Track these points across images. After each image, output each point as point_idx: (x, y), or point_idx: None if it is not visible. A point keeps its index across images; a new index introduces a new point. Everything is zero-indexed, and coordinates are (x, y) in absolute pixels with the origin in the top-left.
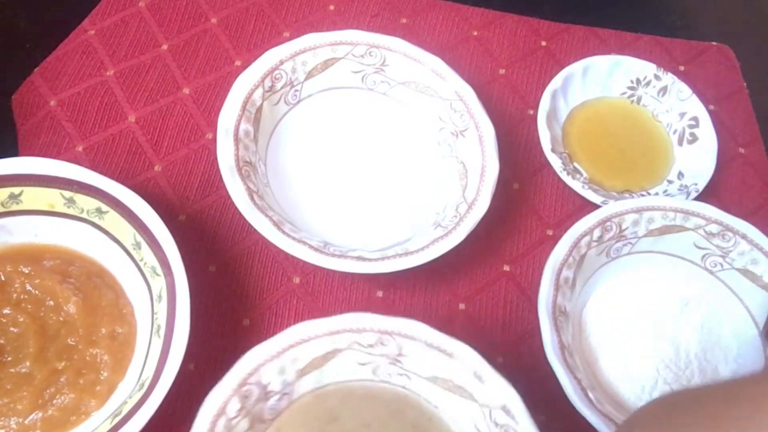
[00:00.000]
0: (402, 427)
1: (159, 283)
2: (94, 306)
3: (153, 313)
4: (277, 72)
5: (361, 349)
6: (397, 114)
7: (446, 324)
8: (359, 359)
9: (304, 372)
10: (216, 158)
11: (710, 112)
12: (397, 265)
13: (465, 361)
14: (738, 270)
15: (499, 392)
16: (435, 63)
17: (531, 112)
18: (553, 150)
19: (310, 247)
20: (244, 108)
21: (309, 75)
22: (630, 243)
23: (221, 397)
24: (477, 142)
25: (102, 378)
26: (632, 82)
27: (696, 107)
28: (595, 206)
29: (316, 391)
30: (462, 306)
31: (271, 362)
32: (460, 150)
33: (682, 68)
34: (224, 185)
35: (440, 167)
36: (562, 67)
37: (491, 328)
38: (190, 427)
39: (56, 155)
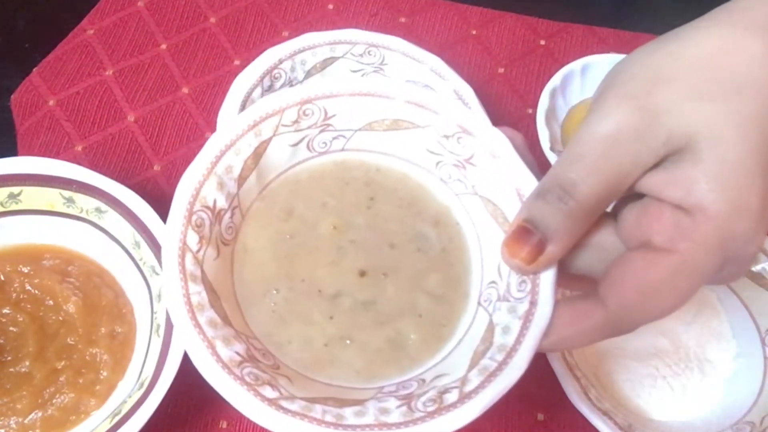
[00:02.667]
0: (356, 190)
1: (158, 283)
2: (93, 305)
3: (152, 312)
4: (276, 71)
5: (287, 131)
6: None
7: None
8: (290, 141)
9: (242, 177)
10: None
11: None
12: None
13: (395, 98)
14: None
15: (439, 103)
16: (434, 62)
17: (530, 110)
18: (552, 148)
19: None
20: (243, 107)
21: (308, 74)
22: None
23: (177, 234)
24: None
25: (101, 377)
26: None
27: None
28: None
29: (262, 194)
30: None
31: (208, 180)
32: None
33: None
34: None
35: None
36: (561, 66)
37: None
38: (190, 427)
39: (55, 155)
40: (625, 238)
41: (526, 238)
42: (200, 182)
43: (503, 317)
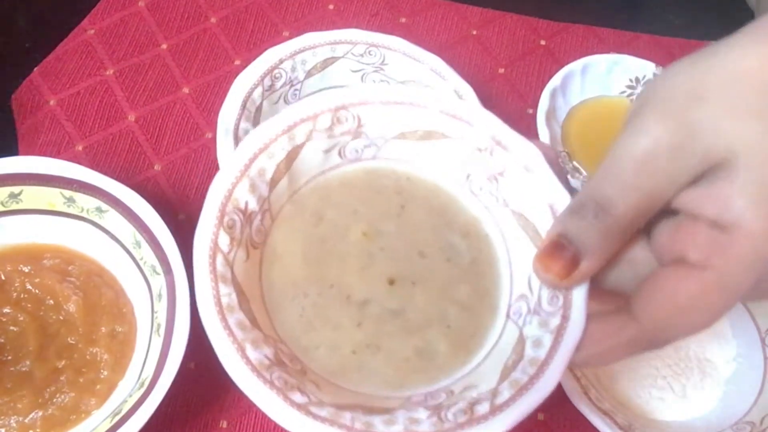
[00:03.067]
0: (387, 198)
1: (159, 282)
2: (94, 305)
3: (153, 311)
4: (276, 71)
5: (321, 137)
6: None
7: None
8: (322, 147)
9: (274, 181)
10: (216, 157)
11: None
12: None
13: (429, 108)
14: None
15: (474, 114)
16: (434, 62)
17: (530, 111)
18: (552, 149)
19: None
20: (243, 107)
21: (308, 74)
22: None
23: (208, 236)
24: None
25: (102, 377)
26: (631, 80)
27: None
28: None
29: (293, 199)
30: None
31: (241, 182)
32: None
33: None
34: None
35: None
36: (562, 66)
37: None
38: (190, 427)
39: (56, 154)
40: (659, 254)
41: (560, 253)
42: (233, 184)
43: (534, 331)
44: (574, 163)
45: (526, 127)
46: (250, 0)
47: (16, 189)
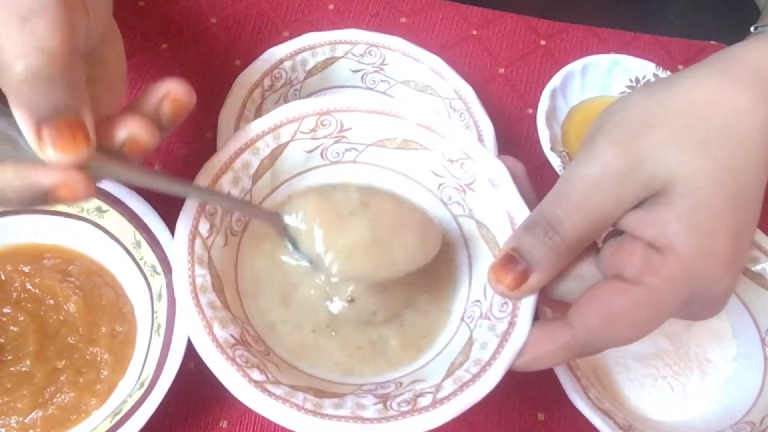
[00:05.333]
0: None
1: (159, 282)
2: (94, 305)
3: (153, 311)
4: (276, 71)
5: (305, 138)
6: None
7: None
8: (305, 147)
9: (257, 175)
10: None
11: None
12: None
13: (408, 119)
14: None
15: (447, 128)
16: (434, 62)
17: (530, 111)
18: (552, 149)
19: None
20: (243, 107)
21: (308, 74)
22: None
23: (190, 219)
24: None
25: (102, 377)
26: (631, 81)
27: None
28: None
29: (274, 196)
30: None
31: (225, 174)
32: None
33: (681, 67)
34: None
35: None
36: (562, 66)
37: None
38: (190, 427)
39: None
40: (603, 269)
41: (512, 266)
42: (217, 175)
43: (483, 334)
44: None
45: (526, 127)
46: (250, 0)
47: None
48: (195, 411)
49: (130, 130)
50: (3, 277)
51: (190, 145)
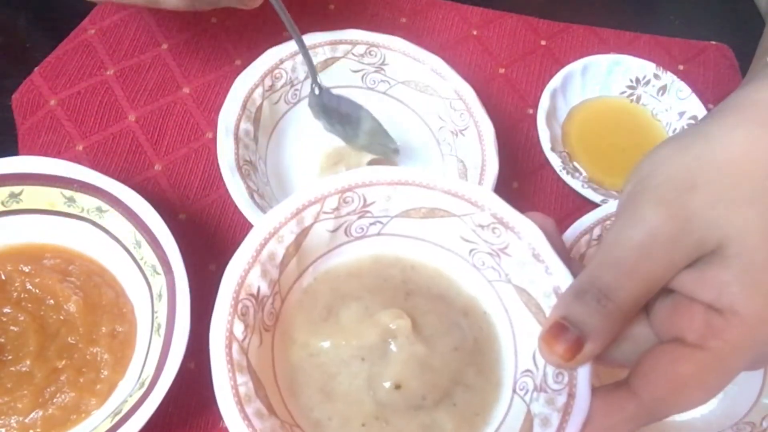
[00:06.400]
0: (393, 287)
1: (159, 282)
2: (94, 305)
3: (153, 311)
4: (277, 71)
5: (328, 218)
6: (397, 113)
7: None
8: (329, 227)
9: (284, 264)
10: (216, 157)
11: (709, 110)
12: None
13: (433, 187)
14: None
15: (475, 194)
16: (435, 62)
17: (530, 111)
18: (552, 149)
19: None
20: (244, 107)
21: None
22: None
23: (224, 324)
24: (477, 141)
25: (102, 377)
26: (632, 81)
27: (695, 106)
28: (595, 205)
29: (301, 281)
30: None
31: (253, 268)
32: (460, 149)
33: (681, 67)
34: (224, 184)
35: (440, 166)
36: (562, 66)
37: None
38: (190, 427)
39: (56, 154)
40: (658, 331)
41: (564, 335)
42: (245, 270)
43: (541, 408)
44: (574, 163)
45: (526, 127)
46: None
47: (16, 189)
48: (195, 411)
49: None
50: (3, 277)
51: (191, 145)
